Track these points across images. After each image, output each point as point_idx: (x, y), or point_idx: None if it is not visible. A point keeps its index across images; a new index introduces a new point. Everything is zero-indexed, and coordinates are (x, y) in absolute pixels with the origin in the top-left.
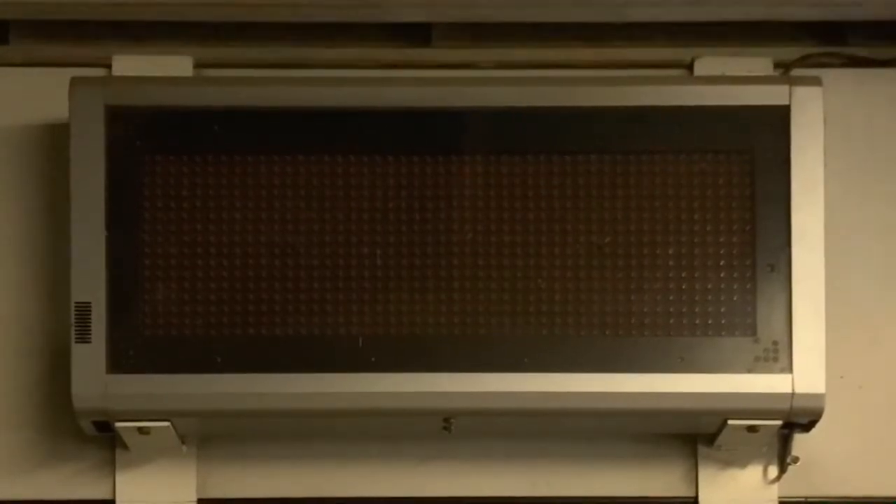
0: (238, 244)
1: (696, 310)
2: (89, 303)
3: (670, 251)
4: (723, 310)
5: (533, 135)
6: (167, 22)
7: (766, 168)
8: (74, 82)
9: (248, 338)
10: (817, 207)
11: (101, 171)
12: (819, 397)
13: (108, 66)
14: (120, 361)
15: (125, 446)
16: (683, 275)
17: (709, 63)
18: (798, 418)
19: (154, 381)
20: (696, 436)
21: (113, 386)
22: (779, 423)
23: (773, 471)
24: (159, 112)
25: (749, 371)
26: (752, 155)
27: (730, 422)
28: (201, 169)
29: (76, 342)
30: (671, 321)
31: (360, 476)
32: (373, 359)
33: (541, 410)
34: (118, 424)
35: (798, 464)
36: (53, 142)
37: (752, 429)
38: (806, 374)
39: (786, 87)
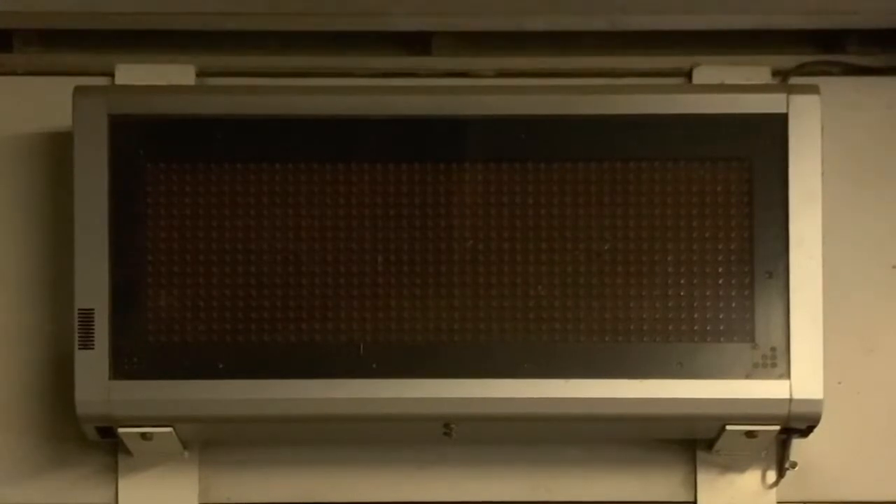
0: (240, 251)
1: (695, 316)
2: (92, 309)
3: (669, 258)
4: (721, 316)
5: (532, 143)
6: (169, 31)
7: (764, 175)
8: (78, 91)
9: (250, 344)
10: (815, 215)
11: (104, 179)
12: (817, 403)
13: (111, 75)
14: (123, 368)
15: (128, 452)
16: (682, 281)
17: (707, 71)
18: (796, 424)
19: (157, 387)
20: (694, 441)
21: (116, 392)
22: (777, 428)
23: (772, 475)
24: (162, 120)
25: (747, 377)
26: (751, 163)
27: (728, 427)
28: (204, 177)
29: (79, 348)
30: (670, 327)
31: (361, 481)
32: (374, 365)
33: (541, 416)
34: (121, 430)
35: (796, 468)
36: (57, 150)
37: (750, 434)
38: (804, 380)
39: (784, 96)
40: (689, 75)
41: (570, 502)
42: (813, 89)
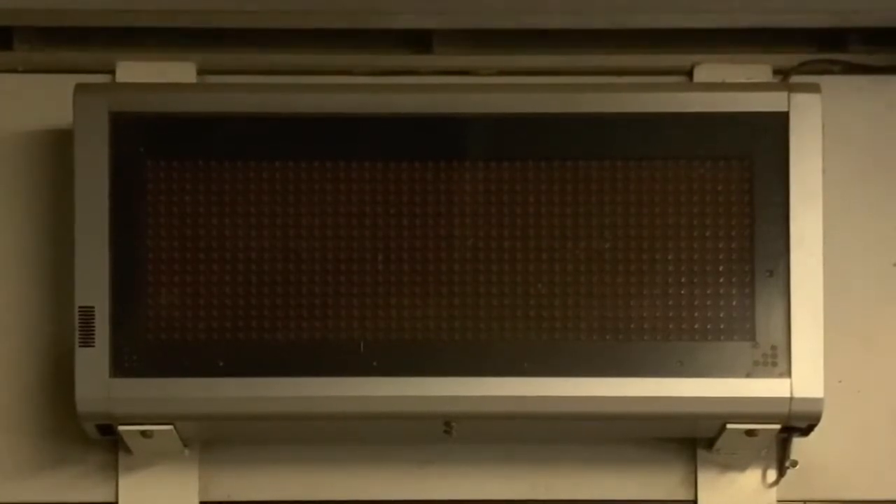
0: (240, 249)
1: (696, 314)
2: (93, 307)
3: (670, 256)
4: (722, 314)
5: (533, 141)
6: (171, 28)
7: (765, 174)
8: (78, 89)
9: (250, 342)
10: (816, 213)
11: (104, 176)
12: (817, 401)
13: (112, 73)
14: (123, 365)
15: (128, 450)
16: (683, 280)
17: (708, 70)
18: (796, 422)
19: (157, 384)
20: (695, 439)
21: (116, 389)
22: (777, 427)
23: (772, 474)
24: (163, 118)
25: (748, 375)
26: (752, 161)
27: (729, 426)
28: (204, 174)
29: (80, 346)
30: (670, 326)
31: (361, 479)
32: (374, 363)
33: (541, 414)
34: (121, 428)
35: (797, 467)
36: (57, 148)
37: (750, 433)
38: (804, 379)
39: (785, 94)
40: (690, 74)
41: (570, 501)
42: (814, 88)
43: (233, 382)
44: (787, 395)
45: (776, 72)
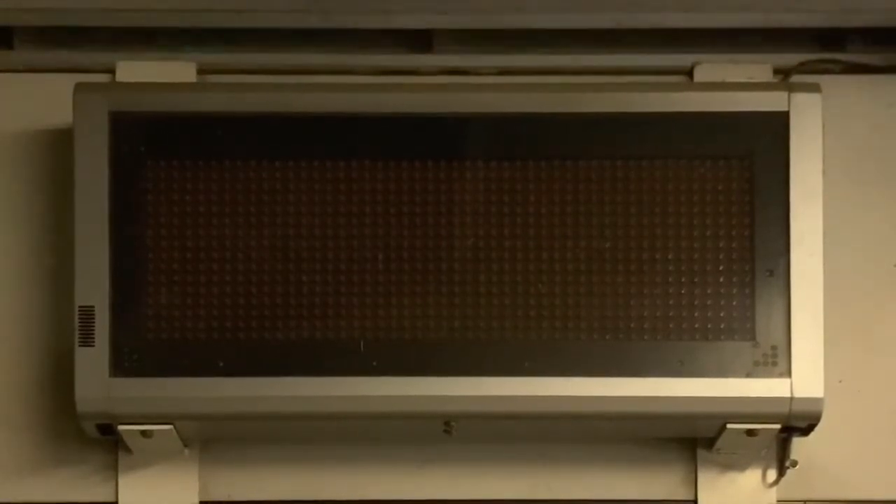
0: (240, 249)
1: (696, 314)
2: (93, 306)
3: (670, 256)
4: (722, 314)
5: (534, 141)
6: (171, 28)
7: (766, 174)
8: (78, 88)
9: (250, 342)
10: (816, 213)
11: (104, 176)
12: (817, 401)
13: (112, 72)
14: (123, 365)
15: (128, 449)
16: (683, 279)
17: (708, 69)
18: (797, 422)
19: (157, 384)
20: (695, 439)
21: (116, 389)
22: (777, 426)
23: (772, 474)
24: (163, 118)
25: (748, 375)
26: (752, 161)
27: (729, 425)
28: (204, 174)
29: (79, 345)
30: (671, 325)
31: (361, 479)
32: (374, 363)
33: (541, 414)
34: (121, 427)
35: (797, 467)
36: (57, 147)
37: (751, 432)
38: (804, 379)
39: (785, 94)
40: (690, 73)
41: (571, 500)
42: (814, 87)
43: (233, 382)
44: (788, 394)
45: (776, 72)
